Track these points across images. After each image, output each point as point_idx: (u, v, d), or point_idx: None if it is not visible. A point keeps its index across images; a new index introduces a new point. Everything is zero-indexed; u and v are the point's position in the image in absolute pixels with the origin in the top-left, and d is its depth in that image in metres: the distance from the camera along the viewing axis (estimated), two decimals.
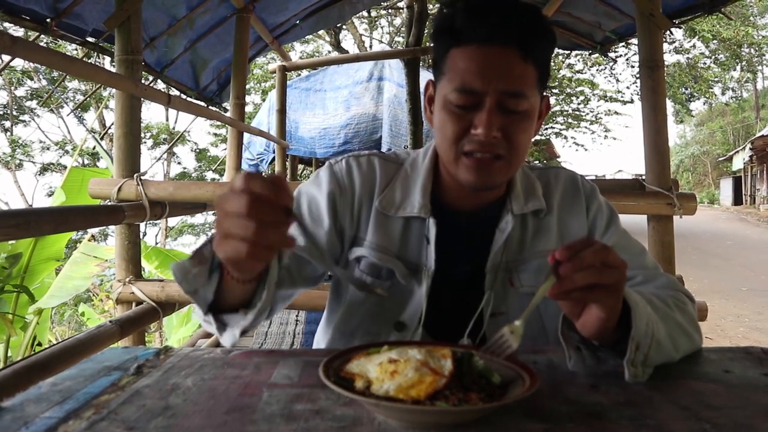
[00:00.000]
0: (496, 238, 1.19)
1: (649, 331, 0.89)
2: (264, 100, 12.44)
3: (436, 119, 1.14)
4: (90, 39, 2.99)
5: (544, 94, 1.17)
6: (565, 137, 21.26)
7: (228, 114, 4.37)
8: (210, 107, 4.68)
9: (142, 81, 2.62)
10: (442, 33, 1.11)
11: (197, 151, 20.40)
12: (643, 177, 2.70)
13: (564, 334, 0.93)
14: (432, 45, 1.15)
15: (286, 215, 0.78)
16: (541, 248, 1.21)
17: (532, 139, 1.17)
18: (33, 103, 16.72)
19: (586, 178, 1.32)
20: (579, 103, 19.11)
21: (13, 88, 16.23)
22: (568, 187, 1.27)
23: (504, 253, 1.20)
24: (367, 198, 1.22)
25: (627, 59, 16.85)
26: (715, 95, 21.03)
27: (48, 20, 2.62)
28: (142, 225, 2.75)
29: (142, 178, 2.57)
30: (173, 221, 17.04)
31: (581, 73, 18.05)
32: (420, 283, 1.19)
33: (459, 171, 1.12)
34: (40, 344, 4.32)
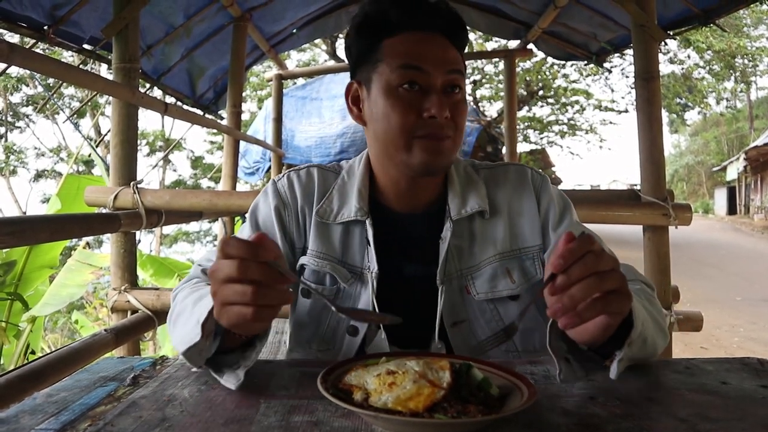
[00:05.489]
0: (440, 248, 1.17)
1: (643, 331, 0.89)
2: (260, 108, 12.45)
3: (379, 109, 1.14)
4: (87, 46, 2.99)
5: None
6: (560, 146, 21.33)
7: (224, 122, 4.37)
8: (206, 115, 4.68)
9: (139, 89, 2.62)
10: (372, 27, 1.15)
11: (193, 158, 20.38)
12: (639, 187, 2.71)
13: (552, 345, 0.88)
14: (352, 41, 1.19)
15: (277, 272, 0.81)
16: (492, 253, 1.19)
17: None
18: (28, 110, 16.70)
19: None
20: (574, 113, 19.18)
21: (8, 94, 16.20)
22: (516, 183, 1.25)
23: (453, 261, 1.19)
24: (309, 208, 1.24)
25: (622, 69, 16.94)
26: (710, 105, 21.13)
27: (45, 27, 2.62)
28: (137, 233, 2.74)
29: (139, 186, 2.57)
30: (168, 229, 16.99)
31: (576, 83, 18.14)
32: (366, 286, 1.18)
33: (412, 156, 1.13)
34: (33, 352, 4.29)
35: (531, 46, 5.05)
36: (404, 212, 1.22)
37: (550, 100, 18.58)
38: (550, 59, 13.88)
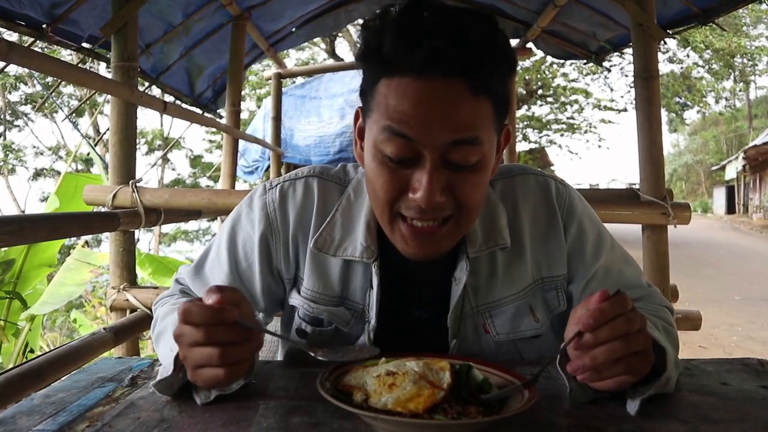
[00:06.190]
0: (453, 289, 1.03)
1: (672, 373, 0.86)
2: (259, 107, 12.43)
3: (366, 166, 0.94)
4: (85, 45, 2.98)
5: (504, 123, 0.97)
6: (560, 145, 21.36)
7: (223, 121, 4.36)
8: (205, 114, 4.67)
9: (138, 87, 2.61)
10: (369, 56, 0.89)
11: (192, 157, 20.36)
12: (638, 186, 2.71)
13: (562, 365, 0.85)
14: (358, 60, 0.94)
15: (244, 329, 0.81)
16: (514, 290, 1.06)
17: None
18: (27, 108, 16.67)
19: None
20: (573, 112, 19.20)
21: (7, 92, 16.18)
22: (539, 202, 1.08)
23: (468, 299, 1.05)
24: (303, 235, 1.08)
25: (621, 68, 16.96)
26: (709, 104, 21.17)
27: (44, 26, 2.61)
28: (136, 232, 2.73)
29: (138, 185, 2.56)
30: (167, 227, 16.97)
31: (576, 82, 18.15)
32: (367, 330, 1.06)
33: (395, 238, 0.95)
34: (32, 351, 4.29)
35: (530, 45, 5.04)
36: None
37: (550, 99, 18.61)
38: (549, 58, 13.88)
